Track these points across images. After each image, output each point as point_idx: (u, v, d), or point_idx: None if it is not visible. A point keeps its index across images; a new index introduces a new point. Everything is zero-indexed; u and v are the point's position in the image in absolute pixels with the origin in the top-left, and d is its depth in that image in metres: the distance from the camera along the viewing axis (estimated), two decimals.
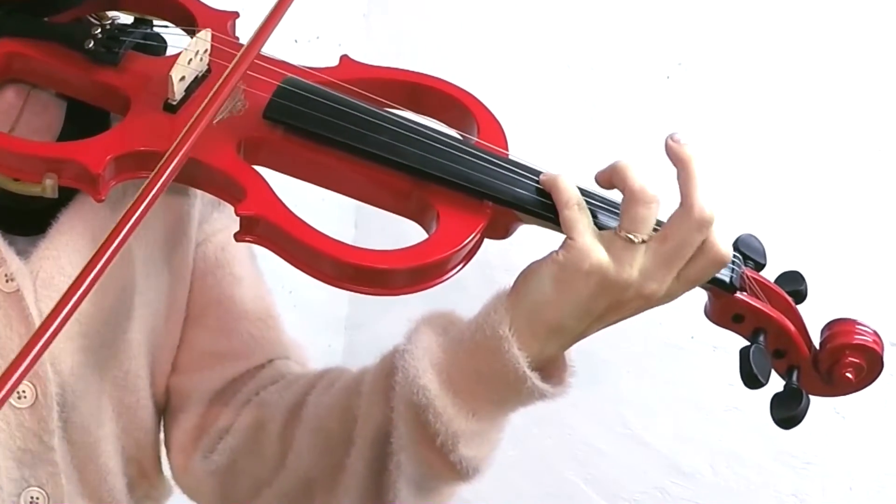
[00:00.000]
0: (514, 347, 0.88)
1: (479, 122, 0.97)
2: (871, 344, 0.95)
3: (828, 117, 1.93)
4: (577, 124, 2.12)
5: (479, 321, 0.90)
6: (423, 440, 0.92)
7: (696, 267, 0.88)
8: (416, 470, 0.95)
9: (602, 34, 2.10)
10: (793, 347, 0.96)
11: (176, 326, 1.09)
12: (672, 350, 2.07)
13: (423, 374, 0.90)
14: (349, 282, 0.88)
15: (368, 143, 0.91)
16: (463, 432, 0.91)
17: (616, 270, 0.85)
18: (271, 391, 1.07)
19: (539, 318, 0.88)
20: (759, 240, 0.99)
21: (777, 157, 1.98)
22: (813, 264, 1.90)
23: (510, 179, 0.90)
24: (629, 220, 0.86)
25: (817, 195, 1.95)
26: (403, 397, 0.92)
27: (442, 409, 0.90)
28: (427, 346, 0.92)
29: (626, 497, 2.21)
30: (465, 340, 0.91)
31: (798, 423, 0.93)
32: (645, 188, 0.86)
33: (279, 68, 0.96)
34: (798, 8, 1.93)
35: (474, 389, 0.90)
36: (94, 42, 0.96)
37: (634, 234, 0.85)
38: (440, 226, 0.89)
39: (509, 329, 0.88)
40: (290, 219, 0.88)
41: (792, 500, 2.06)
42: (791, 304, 0.97)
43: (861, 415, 1.95)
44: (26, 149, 0.93)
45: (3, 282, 0.95)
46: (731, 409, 2.04)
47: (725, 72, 2.00)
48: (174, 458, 1.11)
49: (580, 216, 0.86)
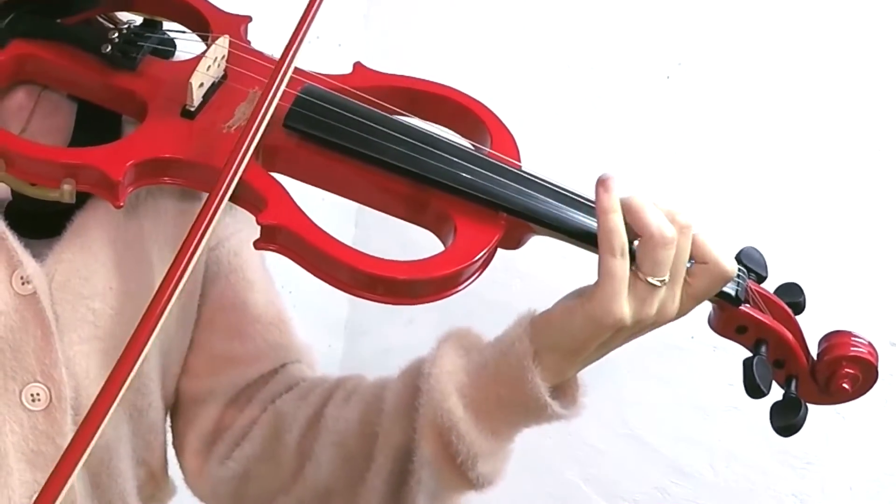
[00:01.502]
0: (537, 378, 0.90)
1: (491, 132, 0.98)
2: (866, 356, 0.98)
3: (827, 118, 1.93)
4: (577, 124, 2.12)
5: (504, 349, 0.92)
6: (444, 459, 0.94)
7: (703, 284, 0.90)
8: (436, 485, 0.97)
9: (602, 34, 2.10)
10: (792, 358, 0.99)
11: (186, 330, 1.09)
12: (672, 350, 2.07)
13: (447, 397, 0.93)
14: (366, 290, 0.89)
15: (386, 152, 0.92)
16: (483, 452, 0.93)
17: (641, 312, 0.88)
18: (287, 400, 1.08)
19: (561, 353, 0.91)
20: (761, 252, 1.01)
21: (777, 157, 1.98)
22: (811, 265, 1.90)
23: (524, 192, 0.91)
24: (651, 264, 0.87)
25: (816, 195, 1.96)
26: (427, 419, 0.94)
27: (465, 432, 0.92)
28: (450, 369, 0.94)
29: (626, 497, 2.21)
30: (489, 366, 0.93)
31: (797, 430, 0.97)
32: (663, 231, 0.86)
33: (296, 76, 0.96)
34: (798, 8, 1.93)
35: (495, 413, 0.93)
36: (112, 46, 0.96)
37: (657, 277, 0.87)
38: (457, 237, 0.90)
39: (534, 361, 0.90)
40: (311, 228, 0.89)
41: (792, 500, 2.06)
42: (791, 315, 1.00)
43: (861, 415, 1.95)
44: (45, 154, 0.92)
45: (19, 284, 0.95)
46: (731, 409, 2.05)
47: (725, 72, 2.00)
48: (188, 462, 1.12)
49: (622, 266, 0.87)
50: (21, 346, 0.95)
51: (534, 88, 2.15)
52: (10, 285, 0.94)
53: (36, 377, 0.96)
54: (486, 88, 1.02)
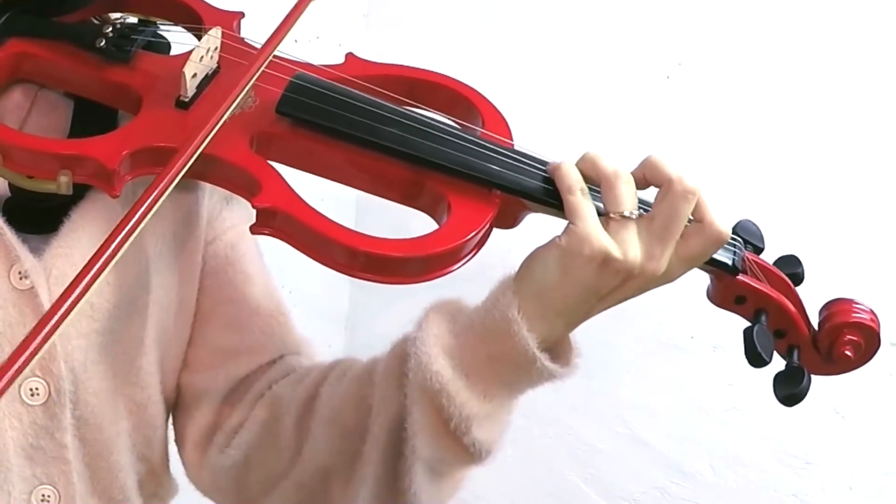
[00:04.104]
0: (523, 329, 0.90)
1: (483, 115, 0.98)
2: (868, 322, 0.97)
3: (827, 116, 1.94)
4: (577, 124, 2.12)
5: (488, 306, 0.92)
6: (437, 424, 0.93)
7: (695, 245, 0.90)
8: (431, 454, 0.96)
9: (602, 34, 2.10)
10: (793, 327, 0.98)
11: (185, 323, 1.10)
12: (672, 350, 2.08)
13: (435, 359, 0.92)
14: (362, 270, 0.89)
15: (380, 135, 0.92)
16: (476, 415, 0.92)
17: (617, 251, 0.88)
18: (283, 385, 1.08)
19: (546, 301, 0.90)
20: (757, 225, 1.01)
21: (776, 157, 1.98)
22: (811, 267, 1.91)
23: (517, 168, 0.92)
24: (611, 198, 0.89)
25: (815, 195, 1.96)
26: (417, 383, 0.93)
27: (455, 393, 0.92)
28: (437, 332, 0.94)
29: (626, 497, 2.21)
30: (475, 325, 0.93)
31: (800, 399, 0.96)
32: (616, 168, 0.90)
33: (287, 64, 0.97)
34: (798, 8, 1.94)
35: (485, 372, 0.92)
36: (106, 40, 0.96)
37: (620, 210, 0.88)
38: (452, 215, 0.90)
39: (518, 312, 0.90)
40: (305, 209, 0.89)
41: (792, 500, 2.06)
42: (790, 285, 0.99)
43: (861, 415, 1.95)
44: (41, 146, 0.92)
45: (17, 279, 0.95)
46: (731, 409, 2.05)
47: (725, 72, 2.01)
48: (188, 454, 1.12)
49: (583, 201, 0.89)
50: (19, 340, 0.94)
51: (534, 88, 2.15)
52: (9, 280, 0.95)
53: (34, 371, 0.96)
54: (486, 88, 1.03)
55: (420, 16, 2.25)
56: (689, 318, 2.00)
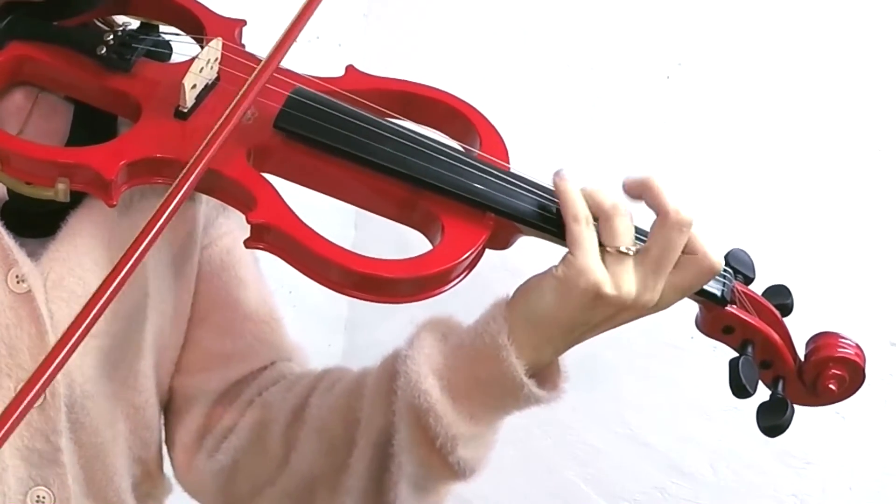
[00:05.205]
0: (511, 356, 0.91)
1: (481, 135, 0.99)
2: (853, 357, 0.99)
3: (826, 119, 1.94)
4: (577, 124, 2.12)
5: (479, 329, 0.93)
6: (423, 442, 0.94)
7: (688, 275, 0.91)
8: (416, 471, 0.97)
9: (602, 34, 2.10)
10: (779, 359, 0.99)
11: (180, 327, 1.10)
12: (672, 350, 2.07)
13: (424, 379, 0.93)
14: (355, 289, 0.90)
15: (376, 154, 0.93)
16: (462, 435, 0.93)
17: (610, 286, 0.88)
18: (273, 392, 1.09)
19: (537, 329, 0.91)
20: (749, 254, 1.01)
21: (776, 157, 1.98)
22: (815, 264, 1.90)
23: (512, 192, 0.92)
24: (609, 232, 0.89)
25: (816, 195, 1.96)
26: (405, 401, 0.94)
27: (442, 413, 0.92)
28: (428, 352, 0.95)
29: (626, 497, 2.21)
30: (465, 347, 0.94)
31: (783, 431, 0.97)
32: (616, 203, 0.90)
33: (287, 77, 0.97)
34: (798, 8, 1.93)
35: (473, 394, 0.93)
36: (107, 48, 0.97)
37: (617, 245, 0.89)
38: (444, 237, 0.91)
39: (508, 338, 0.91)
40: (300, 227, 0.90)
41: (792, 500, 2.07)
42: (778, 317, 1.00)
43: (861, 415, 1.95)
44: (40, 153, 0.93)
45: (14, 283, 0.95)
46: (731, 409, 2.04)
47: (725, 72, 2.00)
48: (177, 457, 1.13)
49: (586, 232, 0.89)
50: (16, 343, 0.95)
51: (534, 88, 2.15)
52: (6, 284, 0.95)
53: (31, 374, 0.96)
54: (486, 88, 1.03)
55: (420, 16, 2.25)
56: (690, 319, 1.99)
